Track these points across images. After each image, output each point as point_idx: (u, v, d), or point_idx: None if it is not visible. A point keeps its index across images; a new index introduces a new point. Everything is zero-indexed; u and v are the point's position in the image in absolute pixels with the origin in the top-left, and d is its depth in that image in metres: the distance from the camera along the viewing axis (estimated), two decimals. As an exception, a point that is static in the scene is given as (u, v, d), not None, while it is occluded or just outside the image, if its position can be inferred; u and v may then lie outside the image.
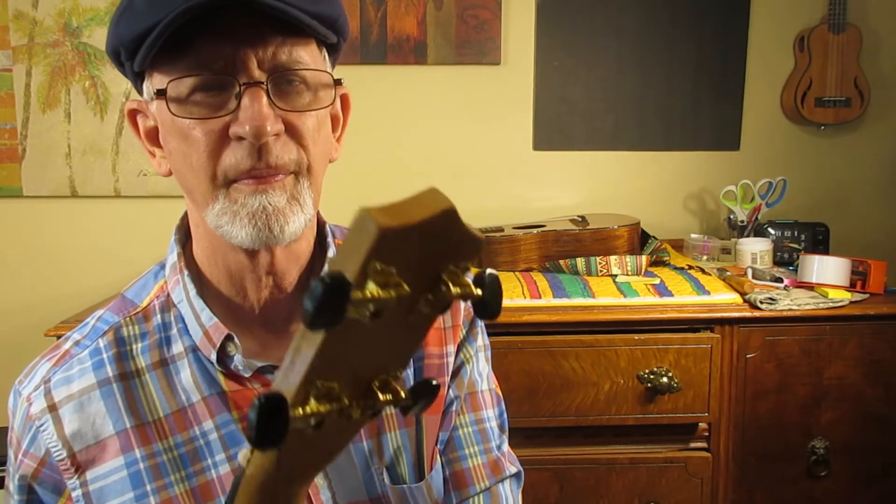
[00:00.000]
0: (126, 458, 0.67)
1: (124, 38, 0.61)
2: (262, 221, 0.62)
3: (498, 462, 0.80)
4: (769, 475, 1.79)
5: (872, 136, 2.38)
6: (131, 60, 0.63)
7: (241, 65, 0.60)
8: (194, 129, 0.61)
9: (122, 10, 0.62)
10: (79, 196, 2.29)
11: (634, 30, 2.31)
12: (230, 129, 0.60)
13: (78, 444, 0.67)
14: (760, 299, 1.76)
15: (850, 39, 2.26)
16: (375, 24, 2.24)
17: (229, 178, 0.62)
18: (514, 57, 2.30)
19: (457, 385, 0.79)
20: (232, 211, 0.62)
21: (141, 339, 0.71)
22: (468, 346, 0.81)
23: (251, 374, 0.69)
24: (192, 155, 0.62)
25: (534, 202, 2.35)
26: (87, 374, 0.69)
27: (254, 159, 0.61)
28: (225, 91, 0.61)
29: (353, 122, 0.80)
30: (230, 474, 0.68)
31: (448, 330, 0.79)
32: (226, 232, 0.63)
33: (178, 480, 0.67)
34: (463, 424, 0.79)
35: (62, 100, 2.25)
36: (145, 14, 0.59)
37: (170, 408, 0.69)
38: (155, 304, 0.72)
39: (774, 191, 2.23)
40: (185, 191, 0.68)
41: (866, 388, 1.78)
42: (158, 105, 0.64)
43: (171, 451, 0.68)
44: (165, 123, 0.65)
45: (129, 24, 0.60)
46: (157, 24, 0.58)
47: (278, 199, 0.62)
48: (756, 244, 2.07)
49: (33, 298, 2.32)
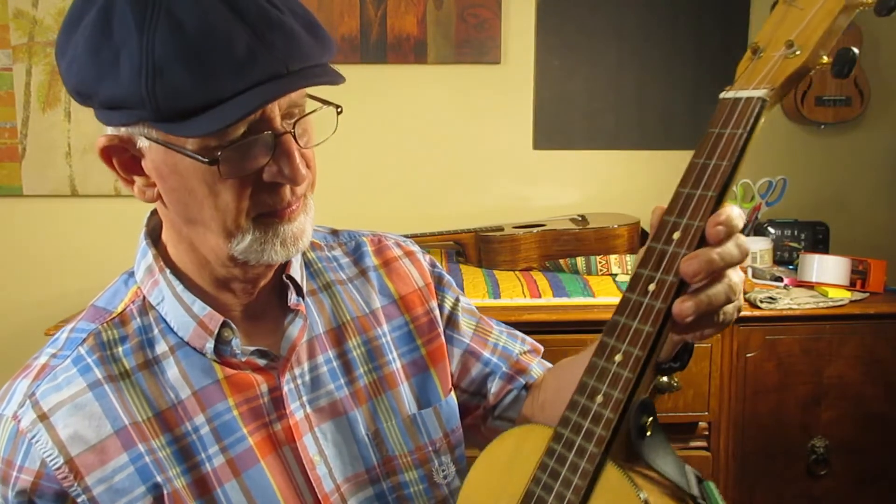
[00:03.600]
0: (130, 454, 0.67)
1: (161, 106, 0.57)
2: (291, 243, 0.67)
3: (534, 345, 0.98)
4: (769, 474, 1.79)
5: (872, 135, 2.38)
6: (150, 119, 0.60)
7: (270, 118, 0.63)
8: (228, 179, 0.63)
9: (141, 71, 0.56)
10: (79, 195, 2.29)
11: (635, 29, 2.31)
12: (265, 175, 0.64)
13: (75, 447, 0.66)
14: (760, 298, 1.76)
15: (851, 39, 2.26)
16: (375, 23, 2.24)
17: (260, 213, 0.66)
18: (514, 56, 2.30)
19: (461, 330, 0.89)
20: (262, 241, 0.66)
21: (122, 343, 0.71)
22: (447, 296, 0.90)
23: (245, 358, 0.72)
24: (221, 198, 0.64)
25: (534, 201, 2.35)
26: (75, 380, 0.68)
27: (287, 197, 0.66)
28: (257, 144, 0.63)
29: (354, 122, 0.81)
30: (225, 465, 0.69)
31: (423, 289, 0.87)
32: (253, 258, 0.67)
33: (176, 476, 0.68)
34: (491, 345, 0.91)
35: (62, 99, 2.25)
36: (191, 90, 0.57)
37: (159, 407, 0.69)
38: (132, 308, 0.73)
39: (774, 190, 2.23)
40: (187, 220, 0.67)
41: (866, 387, 1.78)
42: (160, 149, 0.63)
43: (165, 449, 0.68)
44: (178, 167, 0.63)
45: (167, 95, 0.57)
46: (212, 105, 0.57)
47: (301, 221, 0.68)
48: (756, 243, 2.07)
49: (33, 297, 2.33)
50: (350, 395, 0.77)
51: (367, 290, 0.84)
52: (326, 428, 0.74)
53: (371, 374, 0.79)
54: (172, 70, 0.56)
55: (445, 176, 2.34)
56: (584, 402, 0.59)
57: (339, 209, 2.33)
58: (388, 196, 2.32)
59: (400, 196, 2.33)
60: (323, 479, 0.73)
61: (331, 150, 2.28)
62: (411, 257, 0.89)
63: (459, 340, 0.89)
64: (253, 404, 0.72)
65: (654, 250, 0.59)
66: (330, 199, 2.33)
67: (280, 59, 0.59)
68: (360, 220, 2.32)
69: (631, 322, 0.58)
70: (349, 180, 2.30)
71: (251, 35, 0.58)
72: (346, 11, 2.23)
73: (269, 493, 0.70)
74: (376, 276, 0.85)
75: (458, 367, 0.90)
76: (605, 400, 0.58)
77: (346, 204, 2.29)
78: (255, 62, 0.58)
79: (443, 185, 2.35)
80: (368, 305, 0.82)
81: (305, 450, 0.73)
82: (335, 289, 0.82)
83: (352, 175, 2.30)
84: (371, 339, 0.81)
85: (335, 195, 2.28)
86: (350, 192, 2.31)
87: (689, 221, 0.58)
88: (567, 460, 0.59)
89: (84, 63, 0.60)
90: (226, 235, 0.66)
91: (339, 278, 0.83)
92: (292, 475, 0.72)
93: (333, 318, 0.79)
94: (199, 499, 0.68)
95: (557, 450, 0.60)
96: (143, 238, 0.75)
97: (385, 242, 0.89)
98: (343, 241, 0.88)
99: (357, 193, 2.31)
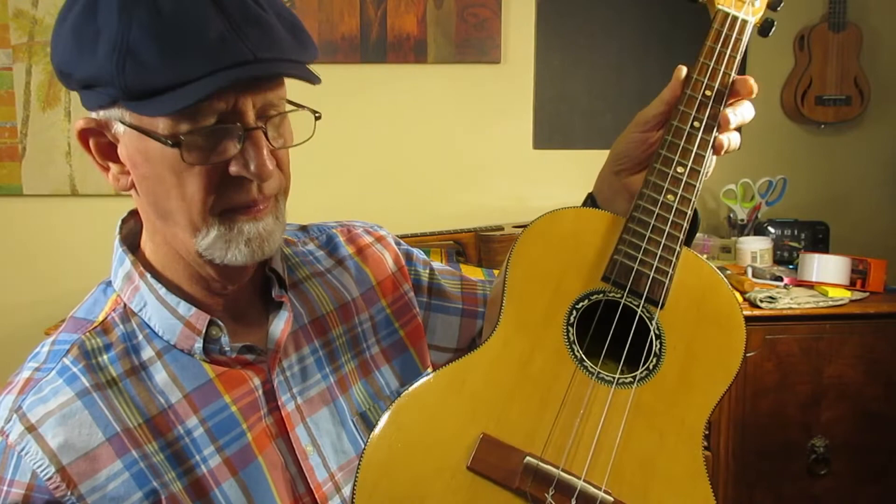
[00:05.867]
0: (124, 461, 0.66)
1: (129, 83, 0.59)
2: (256, 244, 0.67)
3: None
4: (769, 473, 1.79)
5: (872, 134, 2.39)
6: (120, 99, 0.61)
7: (242, 111, 0.63)
8: (194, 167, 0.63)
9: (115, 50, 0.59)
10: (79, 194, 2.29)
11: (634, 28, 2.31)
12: (231, 169, 0.64)
13: (66, 456, 0.64)
14: (760, 298, 1.76)
15: (851, 38, 2.26)
16: (375, 22, 2.24)
17: (225, 209, 0.66)
18: (514, 55, 2.30)
19: (450, 296, 0.92)
20: (227, 238, 0.66)
21: (106, 351, 0.70)
22: (421, 270, 0.92)
23: (234, 355, 0.72)
24: (188, 188, 0.64)
25: (534, 201, 2.35)
26: (62, 390, 0.67)
27: (254, 194, 0.66)
28: (226, 135, 0.63)
29: (353, 121, 0.82)
30: (222, 465, 0.69)
31: (397, 273, 0.89)
32: (218, 256, 0.67)
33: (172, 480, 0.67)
34: (481, 297, 0.95)
35: (62, 98, 2.25)
36: (159, 69, 0.59)
37: (149, 412, 0.68)
38: (113, 316, 0.72)
39: (774, 189, 2.23)
40: (157, 212, 0.68)
41: (866, 386, 1.78)
42: (134, 134, 0.64)
43: (158, 455, 0.67)
44: (149, 153, 0.64)
45: (137, 72, 0.59)
46: (179, 85, 0.59)
47: (269, 223, 0.68)
48: (756, 243, 2.07)
49: (34, 296, 2.33)
50: (335, 384, 0.77)
51: (346, 279, 0.85)
52: (317, 418, 0.75)
53: (354, 360, 0.81)
54: (143, 48, 0.58)
55: (445, 176, 2.35)
56: (665, 186, 0.78)
57: (338, 209, 2.33)
58: (388, 196, 2.33)
59: (400, 196, 2.33)
60: (316, 468, 0.73)
61: (331, 150, 2.30)
62: (382, 242, 0.91)
63: (454, 308, 0.92)
64: (249, 399, 0.72)
65: (694, 98, 0.81)
66: (330, 199, 2.33)
67: (250, 49, 0.60)
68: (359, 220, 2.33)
69: (690, 146, 0.79)
70: (349, 180, 2.30)
71: (225, 23, 0.60)
72: (346, 11, 2.23)
73: (264, 486, 0.70)
74: (353, 265, 0.87)
75: (460, 333, 0.91)
76: (684, 186, 0.78)
77: (345, 203, 2.30)
78: (224, 47, 0.59)
79: (443, 184, 2.35)
80: (349, 294, 0.84)
81: (298, 440, 0.73)
82: (315, 280, 0.83)
83: (352, 175, 2.30)
84: (352, 327, 0.82)
85: (335, 195, 2.28)
86: (350, 192, 2.31)
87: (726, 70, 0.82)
88: (659, 234, 0.75)
89: (67, 42, 0.62)
90: (192, 229, 0.66)
91: (317, 270, 0.84)
92: (286, 466, 0.72)
93: (316, 309, 0.80)
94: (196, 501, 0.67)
95: (643, 225, 0.76)
96: (118, 245, 0.74)
97: (355, 231, 0.91)
98: (314, 235, 0.89)
99: (357, 193, 2.31)
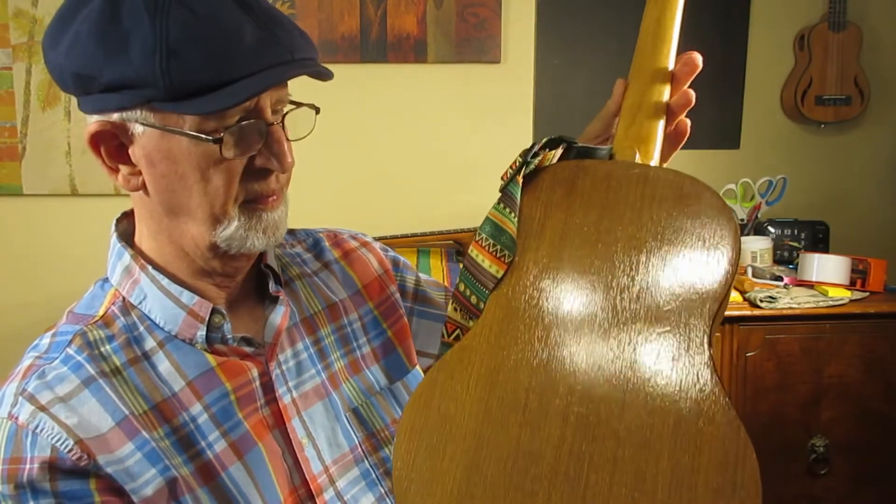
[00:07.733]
0: (136, 442, 0.66)
1: (173, 84, 0.61)
2: (272, 231, 0.71)
3: None
4: (769, 473, 1.79)
5: (872, 134, 2.39)
6: (156, 100, 0.62)
7: (262, 107, 0.67)
8: (221, 163, 0.66)
9: (156, 51, 0.60)
10: (79, 194, 2.29)
11: (634, 28, 2.30)
12: (258, 161, 0.68)
13: (82, 433, 0.65)
14: (760, 298, 1.76)
15: (851, 37, 2.26)
16: (375, 22, 2.24)
17: (247, 199, 0.69)
18: (514, 55, 2.30)
19: (435, 302, 0.94)
20: (247, 227, 0.70)
21: (108, 342, 0.71)
22: (407, 276, 0.94)
23: (234, 345, 0.74)
24: (213, 182, 0.67)
25: (534, 200, 2.35)
26: (67, 378, 0.67)
27: (273, 184, 0.71)
28: (255, 130, 0.67)
29: (353, 121, 0.83)
30: (228, 449, 0.70)
31: (383, 275, 0.91)
32: (236, 245, 0.70)
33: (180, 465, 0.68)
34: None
35: (62, 98, 2.25)
36: (202, 69, 0.61)
37: (154, 400, 0.69)
38: (113, 309, 0.74)
39: (774, 189, 2.23)
40: (169, 210, 0.69)
41: (866, 386, 1.78)
42: (155, 134, 0.65)
43: (165, 440, 0.68)
44: (172, 151, 0.65)
45: (181, 73, 0.61)
46: (222, 84, 0.62)
47: (282, 212, 0.73)
48: (756, 242, 2.07)
49: (34, 296, 2.33)
50: (327, 380, 0.80)
51: (332, 281, 0.87)
52: (312, 412, 0.77)
53: (344, 358, 0.83)
54: (187, 50, 0.61)
55: (445, 175, 2.35)
56: None
57: (338, 208, 2.33)
58: (388, 195, 2.32)
59: (400, 195, 2.33)
60: (311, 460, 0.75)
61: (331, 150, 2.30)
62: (367, 247, 0.94)
63: (436, 314, 0.94)
64: (247, 389, 0.73)
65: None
66: (330, 198, 2.33)
67: (285, 48, 0.65)
68: (359, 220, 2.33)
69: None
70: (349, 179, 2.30)
71: (256, 26, 0.64)
72: (346, 10, 2.23)
73: (265, 472, 0.72)
74: (339, 268, 0.89)
75: None
76: None
77: (345, 203, 2.30)
78: (264, 48, 0.64)
79: (443, 184, 2.35)
80: (335, 296, 0.86)
81: (294, 432, 0.75)
82: (304, 281, 0.85)
83: (352, 174, 2.30)
84: (340, 326, 0.84)
85: (335, 194, 2.28)
86: (350, 191, 2.31)
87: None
88: None
89: (88, 48, 0.63)
90: (212, 222, 0.68)
91: (305, 272, 0.87)
92: (283, 457, 0.73)
93: (304, 309, 0.83)
94: (205, 485, 0.69)
95: None
96: (115, 242, 0.77)
97: (341, 236, 0.94)
98: (301, 238, 0.91)
99: (357, 192, 2.31)
